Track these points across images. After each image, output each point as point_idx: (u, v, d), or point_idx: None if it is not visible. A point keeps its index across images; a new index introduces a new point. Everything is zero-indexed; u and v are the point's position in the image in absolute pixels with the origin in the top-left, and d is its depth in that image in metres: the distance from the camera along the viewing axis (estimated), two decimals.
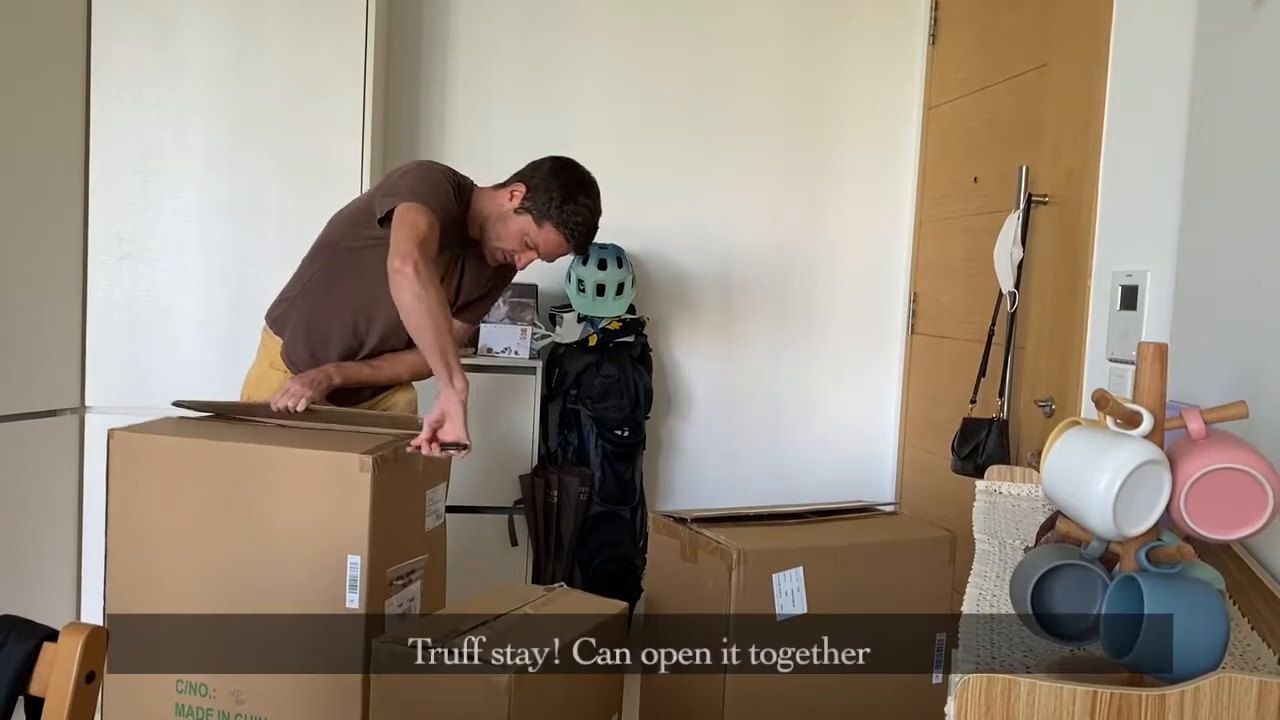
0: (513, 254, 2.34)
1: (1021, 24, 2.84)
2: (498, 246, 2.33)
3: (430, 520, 2.26)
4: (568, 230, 2.31)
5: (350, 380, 2.33)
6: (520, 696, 1.69)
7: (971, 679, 0.92)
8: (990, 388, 2.71)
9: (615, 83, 3.50)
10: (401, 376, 2.43)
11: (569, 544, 3.20)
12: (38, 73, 2.71)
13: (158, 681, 2.12)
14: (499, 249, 2.33)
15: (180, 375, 2.90)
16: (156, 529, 2.13)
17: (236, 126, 2.92)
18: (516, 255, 2.34)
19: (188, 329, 2.93)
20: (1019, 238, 2.57)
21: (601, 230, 3.45)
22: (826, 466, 3.67)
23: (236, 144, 2.92)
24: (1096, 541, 1.01)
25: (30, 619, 1.05)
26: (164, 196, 2.90)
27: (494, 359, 3.25)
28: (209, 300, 2.94)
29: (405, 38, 3.41)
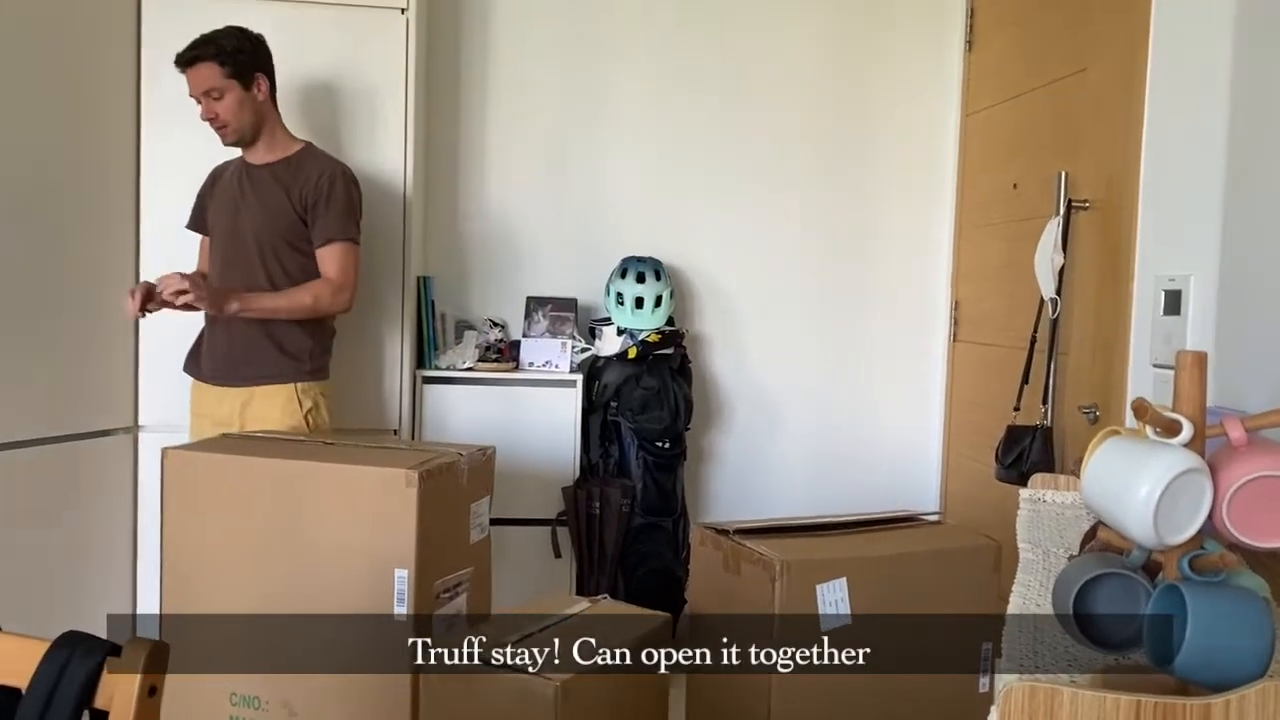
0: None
1: (1058, 29, 2.82)
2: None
3: (475, 533, 2.29)
4: None
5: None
6: (566, 706, 1.71)
7: (1014, 687, 0.92)
8: (1033, 395, 2.70)
9: (652, 96, 3.53)
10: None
11: (612, 555, 3.21)
12: (91, 102, 2.79)
13: (212, 695, 2.17)
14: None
15: None
16: (209, 544, 2.18)
17: None
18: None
19: None
20: (1060, 243, 2.55)
21: (640, 244, 3.51)
22: (870, 476, 3.66)
23: None
24: (1138, 550, 1.01)
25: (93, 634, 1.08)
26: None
27: (534, 373, 3.28)
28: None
29: (444, 57, 3.46)
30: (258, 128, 2.61)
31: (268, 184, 2.61)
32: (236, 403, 2.58)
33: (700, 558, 2.26)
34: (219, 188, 2.69)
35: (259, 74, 2.58)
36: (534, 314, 3.40)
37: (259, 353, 2.57)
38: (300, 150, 2.67)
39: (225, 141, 2.61)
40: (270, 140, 2.64)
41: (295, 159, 2.65)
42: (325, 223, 2.58)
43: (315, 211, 2.58)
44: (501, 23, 3.48)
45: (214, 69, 2.51)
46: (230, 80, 2.53)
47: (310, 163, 2.64)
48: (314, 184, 2.59)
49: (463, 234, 3.51)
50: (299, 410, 2.58)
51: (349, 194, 2.63)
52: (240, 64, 2.53)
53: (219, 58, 2.51)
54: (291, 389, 2.58)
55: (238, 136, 2.59)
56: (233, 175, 2.67)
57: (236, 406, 2.58)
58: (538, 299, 3.42)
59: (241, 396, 2.58)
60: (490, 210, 3.51)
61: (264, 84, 2.59)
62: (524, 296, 3.45)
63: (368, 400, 3.04)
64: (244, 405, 2.58)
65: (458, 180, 3.50)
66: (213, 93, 2.53)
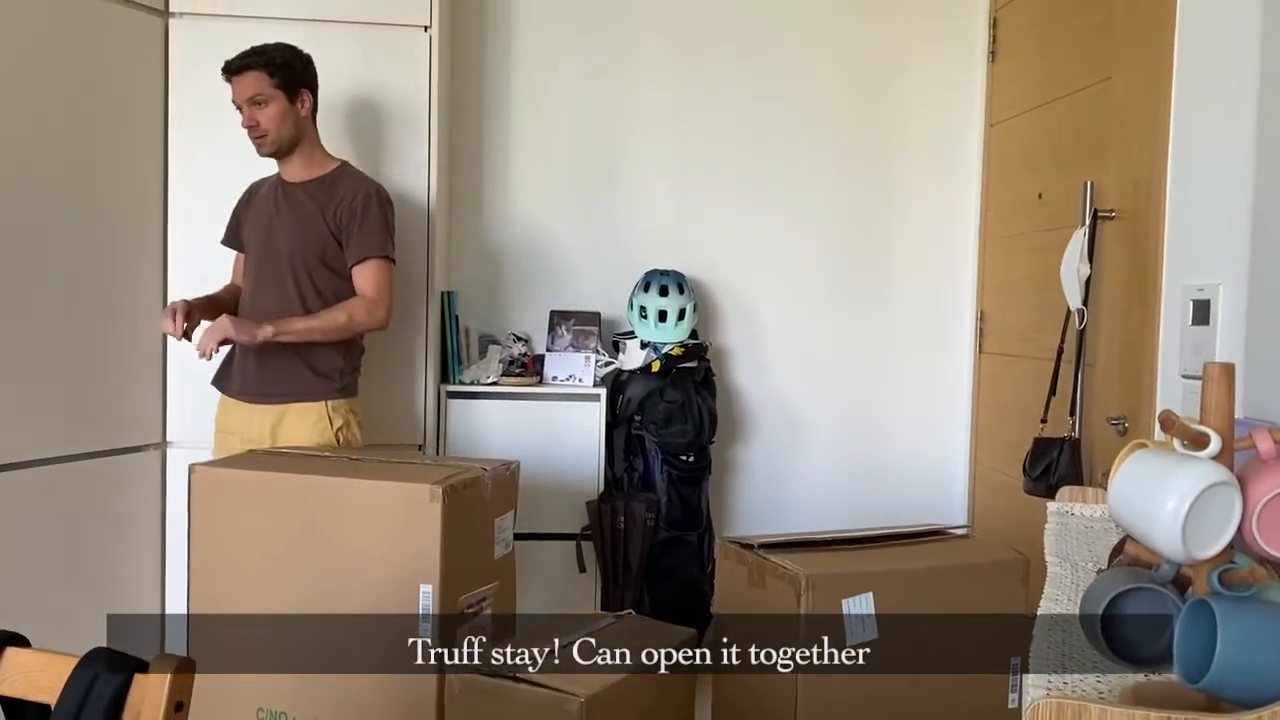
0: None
1: (1082, 38, 2.81)
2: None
3: (499, 548, 2.29)
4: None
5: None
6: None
7: (1042, 703, 0.91)
8: (1061, 406, 2.67)
9: (675, 110, 3.54)
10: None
11: (636, 570, 3.21)
12: (118, 123, 2.83)
13: (239, 709, 2.18)
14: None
15: None
16: (235, 559, 2.19)
17: None
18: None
19: None
20: (1086, 254, 2.53)
21: (663, 257, 3.51)
22: (896, 488, 3.63)
23: None
24: (1167, 564, 1.00)
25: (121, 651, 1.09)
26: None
27: (558, 387, 3.29)
28: None
29: (468, 73, 3.48)
30: (295, 141, 2.63)
31: (303, 202, 2.63)
32: (267, 421, 2.59)
33: (725, 572, 2.25)
34: (255, 204, 2.72)
35: (305, 90, 2.62)
36: (557, 328, 3.41)
37: (290, 371, 2.58)
38: (336, 169, 2.70)
39: (261, 151, 2.63)
40: (308, 158, 2.67)
41: (330, 178, 2.67)
42: (360, 241, 2.60)
43: (349, 230, 2.60)
44: (524, 39, 3.50)
45: (262, 77, 2.55)
46: (276, 90, 2.56)
47: (345, 181, 2.66)
48: (348, 203, 2.61)
49: (487, 248, 3.53)
50: (330, 428, 2.59)
51: (384, 213, 2.65)
52: (288, 76, 2.58)
53: (268, 67, 2.55)
54: (323, 407, 2.59)
55: (275, 147, 2.61)
56: (269, 192, 2.70)
57: (267, 425, 2.59)
58: (561, 313, 3.43)
59: (273, 415, 2.59)
60: (514, 225, 3.53)
61: (308, 100, 2.63)
62: (547, 311, 3.46)
63: (392, 415, 3.06)
64: (275, 424, 2.59)
65: (481, 195, 3.52)
66: (258, 98, 2.55)
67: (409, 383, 3.07)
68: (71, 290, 2.71)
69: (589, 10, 3.50)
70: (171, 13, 2.94)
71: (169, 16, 2.94)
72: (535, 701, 1.73)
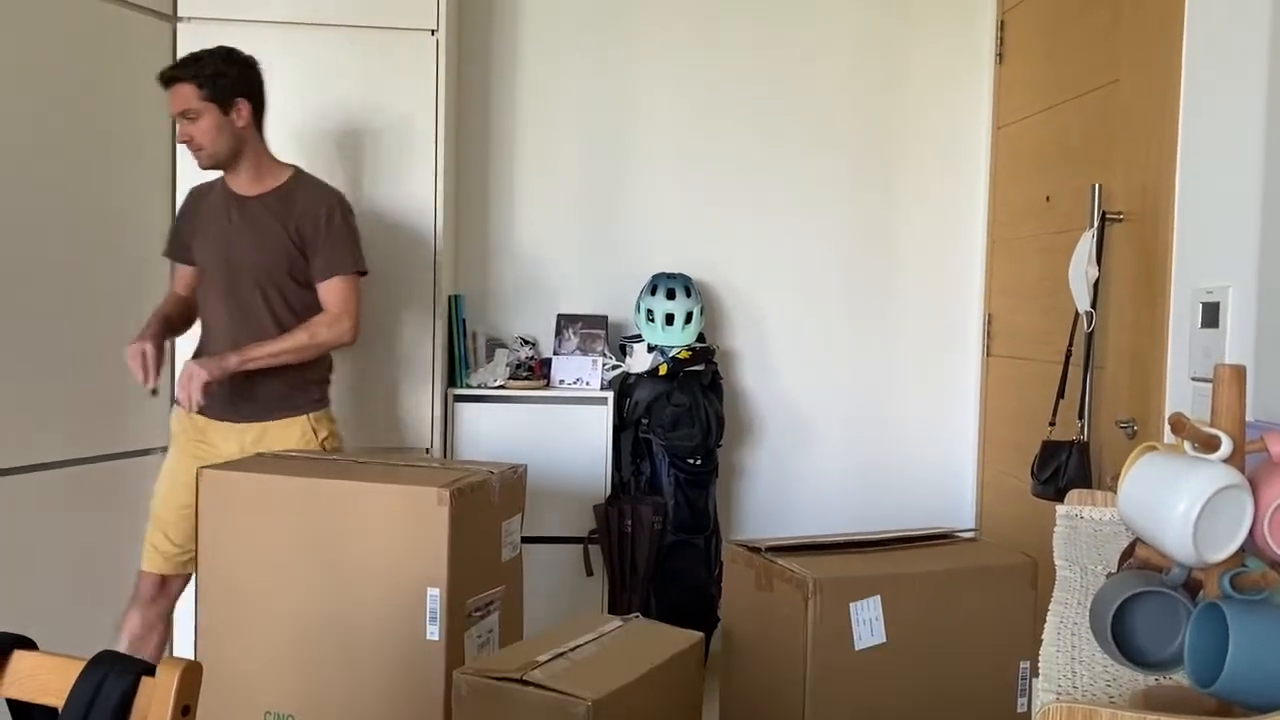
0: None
1: (1090, 40, 2.80)
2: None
3: (507, 551, 2.29)
4: None
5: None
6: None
7: (1052, 708, 0.91)
8: (1069, 409, 2.66)
9: (682, 112, 3.54)
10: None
11: (644, 573, 3.21)
12: (126, 127, 2.84)
13: (246, 713, 2.18)
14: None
15: None
16: (243, 562, 2.19)
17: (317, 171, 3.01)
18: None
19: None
20: (1094, 256, 2.53)
21: (670, 260, 3.51)
22: (904, 492, 3.63)
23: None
24: (1178, 568, 0.99)
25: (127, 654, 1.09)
26: None
27: (566, 390, 3.29)
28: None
29: (475, 75, 3.49)
30: (235, 154, 2.51)
31: (259, 216, 2.53)
32: (247, 438, 2.53)
33: (733, 575, 2.25)
34: (204, 217, 2.59)
35: (239, 99, 2.48)
36: (565, 331, 3.41)
37: (266, 388, 2.51)
38: (290, 179, 2.58)
39: (201, 165, 2.52)
40: (255, 169, 2.55)
41: (285, 189, 2.55)
42: (326, 258, 2.52)
43: (314, 245, 2.51)
44: (531, 42, 3.50)
45: (191, 90, 2.43)
46: (207, 103, 2.44)
47: (302, 192, 2.56)
48: (311, 217, 2.51)
49: (494, 252, 3.53)
50: (315, 440, 2.56)
51: (348, 224, 2.56)
52: (219, 88, 2.44)
53: (197, 79, 2.43)
54: (306, 420, 2.55)
55: (212, 161, 2.50)
56: (220, 205, 2.57)
57: (247, 442, 2.53)
58: (568, 316, 3.43)
59: (252, 432, 2.53)
60: (521, 228, 3.53)
61: (244, 109, 2.49)
62: (554, 314, 3.46)
63: (399, 419, 3.06)
64: (256, 440, 2.53)
65: (488, 198, 3.52)
66: (188, 112, 2.44)
67: (416, 386, 3.07)
68: (77, 293, 2.71)
69: (595, 13, 3.50)
70: (179, 18, 2.95)
71: (177, 21, 2.95)
72: (542, 704, 1.73)
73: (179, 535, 2.52)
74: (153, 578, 2.54)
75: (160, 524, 2.54)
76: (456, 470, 2.25)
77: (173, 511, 2.53)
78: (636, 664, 1.86)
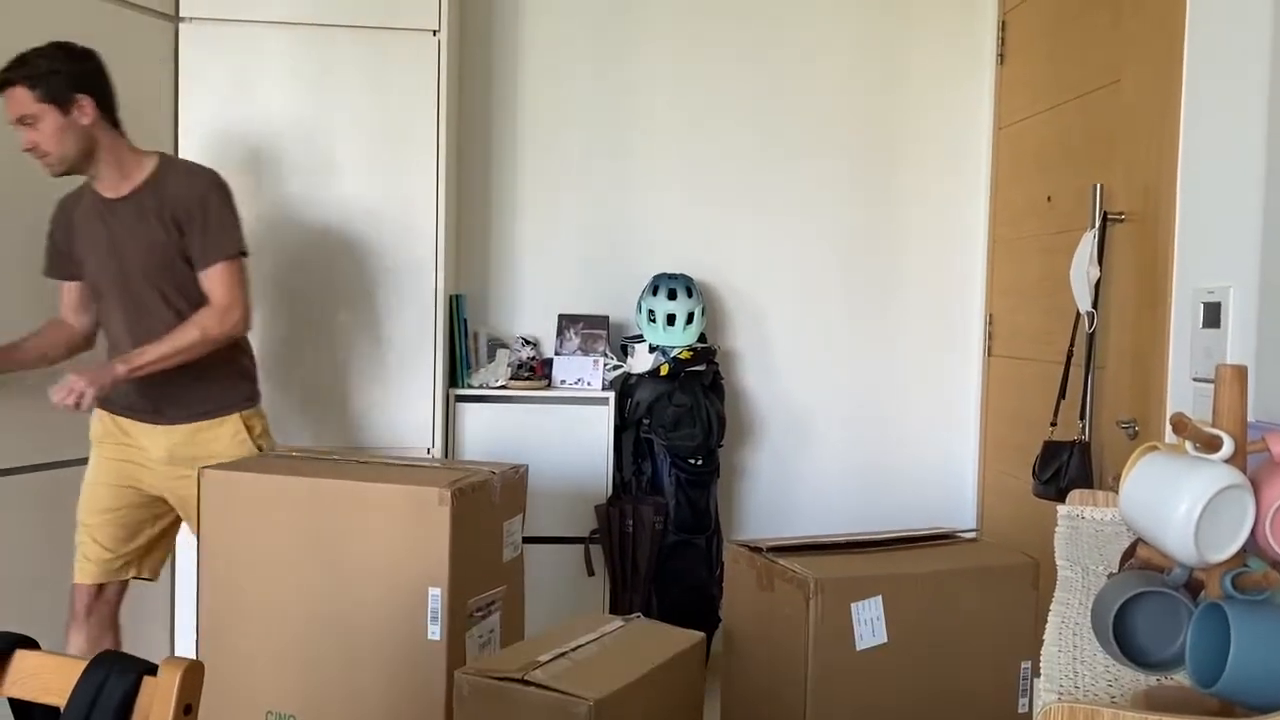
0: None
1: (1091, 41, 2.80)
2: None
3: (508, 551, 2.29)
4: None
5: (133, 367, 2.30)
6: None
7: (1054, 708, 0.91)
8: (1070, 410, 2.66)
9: (683, 113, 3.54)
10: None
11: (645, 573, 3.21)
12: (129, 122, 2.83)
13: (248, 712, 2.18)
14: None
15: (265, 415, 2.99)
16: (245, 561, 2.20)
17: (319, 171, 3.02)
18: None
19: (273, 369, 3.02)
20: (1095, 256, 2.53)
21: (671, 260, 3.51)
22: (905, 492, 3.63)
23: (319, 185, 3.01)
24: (1179, 568, 0.99)
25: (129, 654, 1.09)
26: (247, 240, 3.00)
27: (567, 390, 3.29)
28: (290, 342, 3.03)
29: (477, 75, 3.49)
30: (88, 155, 2.31)
31: (134, 217, 2.35)
32: (174, 439, 2.42)
33: (734, 575, 2.25)
34: (80, 228, 2.41)
35: (80, 95, 2.27)
36: (566, 331, 3.41)
37: (190, 391, 2.40)
38: (156, 168, 2.39)
39: (52, 173, 2.32)
40: (117, 167, 2.36)
41: (154, 180, 2.37)
42: (204, 244, 2.35)
43: (190, 233, 2.35)
44: (532, 42, 3.50)
45: (24, 93, 2.23)
46: (44, 105, 2.24)
47: (173, 179, 2.38)
48: (184, 203, 2.34)
49: (495, 252, 3.53)
50: (249, 439, 2.47)
51: (223, 206, 2.38)
52: (55, 86, 2.24)
53: (29, 80, 2.22)
54: (238, 419, 2.46)
55: (64, 167, 2.31)
56: (92, 212, 2.39)
57: (175, 443, 2.42)
58: (570, 316, 3.43)
59: (179, 434, 2.42)
60: (522, 228, 3.53)
61: (88, 106, 2.28)
62: (556, 314, 3.46)
63: (401, 419, 3.06)
64: (186, 441, 2.42)
65: (490, 198, 3.52)
66: (26, 118, 2.24)
67: (418, 386, 3.08)
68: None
69: (597, 13, 3.50)
70: (182, 18, 2.95)
71: (179, 21, 2.96)
72: (544, 705, 1.73)
73: (108, 539, 2.44)
74: (87, 589, 2.43)
75: (88, 530, 2.44)
76: (458, 470, 2.25)
77: (97, 516, 2.44)
78: (638, 664, 1.86)
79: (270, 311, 3.02)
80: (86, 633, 2.44)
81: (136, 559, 2.50)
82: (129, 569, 2.49)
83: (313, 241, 3.02)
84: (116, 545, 2.45)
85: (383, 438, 3.04)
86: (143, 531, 2.49)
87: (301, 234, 3.02)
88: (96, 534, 2.44)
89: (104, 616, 2.47)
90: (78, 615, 2.44)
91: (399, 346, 3.06)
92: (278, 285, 3.02)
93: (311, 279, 3.03)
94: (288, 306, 3.03)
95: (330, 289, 3.04)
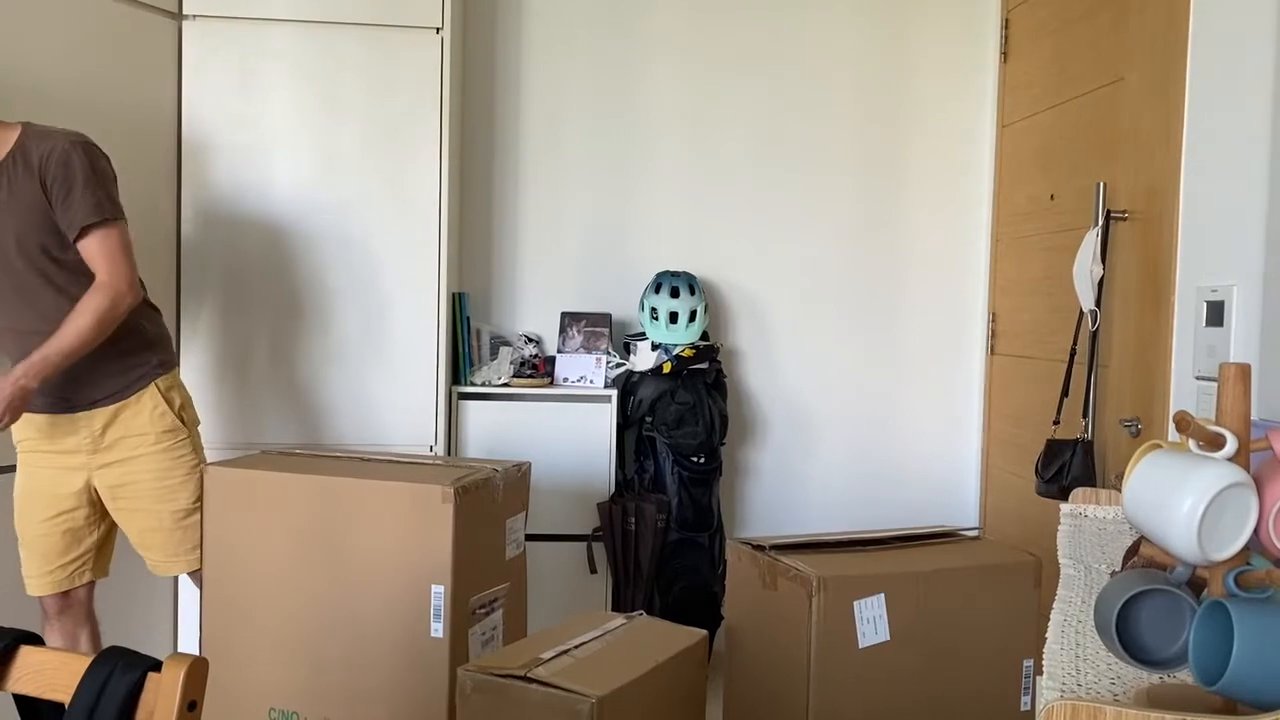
0: None
1: (1095, 39, 2.80)
2: None
3: (511, 549, 2.29)
4: None
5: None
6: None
7: (1056, 706, 0.91)
8: (1073, 408, 2.66)
9: (686, 111, 3.54)
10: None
11: (648, 571, 3.21)
12: (132, 120, 2.84)
13: (251, 709, 2.19)
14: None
15: (268, 413, 2.99)
16: (248, 559, 2.20)
17: (321, 168, 3.02)
18: None
19: (275, 367, 3.02)
20: (1098, 255, 2.52)
21: (674, 258, 3.51)
22: (908, 490, 3.63)
23: (322, 183, 3.01)
24: (1182, 566, 0.99)
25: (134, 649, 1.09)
26: (250, 236, 3.00)
27: (569, 388, 3.29)
28: (291, 339, 3.03)
29: (479, 72, 3.49)
30: None
31: (6, 189, 2.18)
32: (96, 424, 2.28)
33: (736, 573, 2.25)
34: None
35: None
36: (569, 329, 3.41)
37: (96, 371, 2.26)
38: (20, 137, 2.20)
39: None
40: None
41: (19, 148, 2.18)
42: (71, 212, 2.16)
43: (56, 201, 2.16)
44: (536, 40, 3.50)
45: None
46: None
47: (35, 143, 2.18)
48: (50, 168, 2.16)
49: (498, 250, 3.53)
50: (170, 411, 2.32)
51: (89, 166, 2.18)
52: None
53: None
54: (154, 391, 2.31)
55: None
56: None
57: (97, 427, 2.29)
58: (572, 314, 3.43)
59: (100, 418, 2.28)
60: (525, 226, 3.53)
61: None
62: (559, 312, 3.46)
63: (404, 416, 3.06)
64: (108, 422, 2.29)
65: (493, 196, 3.52)
66: None
67: (420, 384, 3.08)
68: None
69: (600, 10, 3.50)
70: (184, 15, 2.95)
71: (182, 19, 2.96)
72: (546, 702, 1.73)
73: (50, 551, 2.32)
74: (51, 596, 2.34)
75: (26, 546, 2.33)
76: (461, 468, 2.25)
77: (34, 527, 2.31)
78: (640, 661, 1.86)
79: (273, 309, 3.02)
80: (61, 631, 2.36)
81: (89, 563, 2.37)
82: (83, 574, 2.36)
83: (315, 239, 3.03)
84: (59, 555, 2.32)
85: (385, 436, 3.04)
86: (90, 535, 2.35)
87: (304, 231, 3.02)
88: (35, 547, 2.32)
89: (77, 614, 2.38)
90: (50, 617, 2.37)
91: (401, 344, 3.06)
92: (280, 283, 3.03)
93: (314, 276, 3.04)
94: (290, 304, 3.03)
95: (333, 286, 3.04)
